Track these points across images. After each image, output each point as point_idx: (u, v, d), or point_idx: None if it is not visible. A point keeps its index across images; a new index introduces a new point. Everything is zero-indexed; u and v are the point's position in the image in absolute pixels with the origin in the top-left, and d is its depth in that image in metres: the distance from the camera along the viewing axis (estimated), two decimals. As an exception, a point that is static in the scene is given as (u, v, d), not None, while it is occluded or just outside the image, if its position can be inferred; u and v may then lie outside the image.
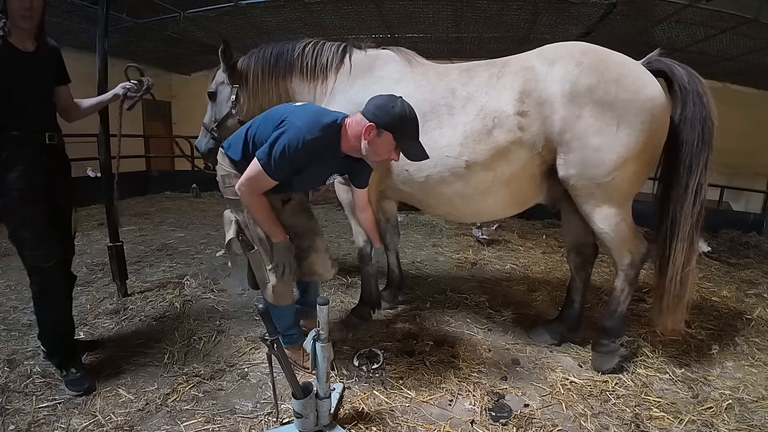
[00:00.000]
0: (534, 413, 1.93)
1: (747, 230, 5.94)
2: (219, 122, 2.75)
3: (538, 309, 3.09)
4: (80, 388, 1.96)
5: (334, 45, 2.56)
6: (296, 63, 2.55)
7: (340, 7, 5.58)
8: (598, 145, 1.98)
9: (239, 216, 1.98)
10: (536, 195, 2.32)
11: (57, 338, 2.05)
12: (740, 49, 5.77)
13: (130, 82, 2.44)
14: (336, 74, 2.48)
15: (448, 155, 2.20)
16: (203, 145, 2.87)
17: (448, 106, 2.22)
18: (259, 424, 1.81)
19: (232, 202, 1.99)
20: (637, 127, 1.95)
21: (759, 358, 2.51)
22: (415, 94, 2.23)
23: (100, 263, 3.67)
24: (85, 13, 5.46)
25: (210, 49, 7.73)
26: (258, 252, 1.99)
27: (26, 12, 1.79)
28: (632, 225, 2.17)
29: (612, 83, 1.96)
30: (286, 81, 2.60)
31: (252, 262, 2.05)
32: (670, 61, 2.11)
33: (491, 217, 2.58)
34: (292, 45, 2.58)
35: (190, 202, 7.21)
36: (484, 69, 2.26)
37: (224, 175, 1.99)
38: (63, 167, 2.10)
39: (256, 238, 1.96)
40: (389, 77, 2.36)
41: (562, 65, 2.04)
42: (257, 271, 2.05)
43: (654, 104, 1.97)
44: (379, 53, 2.51)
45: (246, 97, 2.66)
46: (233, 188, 1.88)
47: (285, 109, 1.85)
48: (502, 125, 2.10)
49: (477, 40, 6.80)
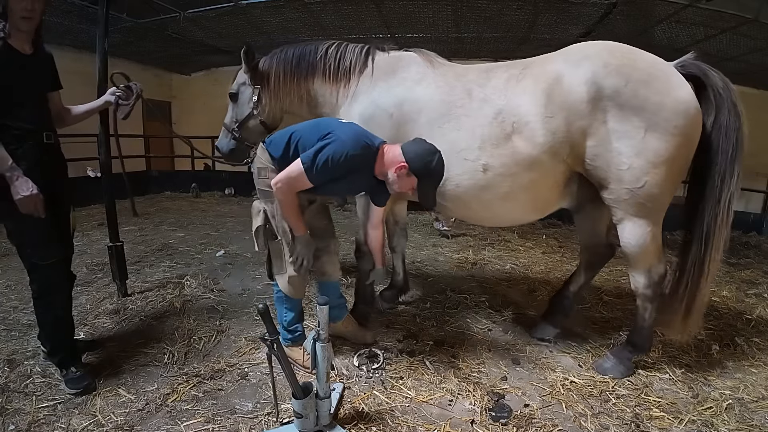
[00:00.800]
0: (534, 413, 1.93)
1: (747, 230, 5.95)
2: (240, 123, 2.75)
3: (538, 309, 3.09)
4: (80, 386, 1.96)
5: (357, 47, 2.53)
6: (319, 65, 2.53)
7: (340, 7, 5.58)
8: (627, 149, 1.90)
9: (268, 206, 2.10)
10: (560, 201, 2.26)
11: (58, 337, 2.05)
12: (740, 49, 5.77)
13: (119, 89, 2.38)
14: (359, 77, 2.45)
15: (466, 159, 2.14)
16: (225, 145, 2.85)
17: (464, 108, 2.16)
18: (259, 424, 1.81)
19: (263, 192, 2.12)
20: (669, 131, 1.86)
21: (759, 358, 2.51)
22: (434, 96, 2.22)
23: (100, 263, 3.67)
24: (85, 13, 5.46)
25: (210, 49, 7.76)
26: (280, 242, 2.10)
27: (27, 13, 1.80)
28: (659, 242, 2.08)
29: (641, 85, 1.87)
30: (308, 82, 2.58)
31: (273, 251, 2.15)
32: (705, 66, 2.01)
33: (511, 222, 2.55)
34: (315, 46, 2.57)
35: (190, 202, 7.21)
36: (504, 71, 2.19)
37: (261, 168, 2.11)
38: (60, 166, 2.11)
39: (280, 229, 2.08)
40: (411, 78, 2.34)
41: (588, 66, 1.94)
42: (276, 260, 2.15)
43: (687, 107, 1.88)
44: (401, 55, 2.48)
45: (268, 98, 2.66)
46: (267, 180, 2.04)
47: (331, 123, 2.01)
48: (521, 131, 2.03)
49: (477, 40, 6.81)
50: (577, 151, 2.01)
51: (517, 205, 2.23)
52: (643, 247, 2.05)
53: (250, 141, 2.81)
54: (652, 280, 2.12)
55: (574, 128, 1.97)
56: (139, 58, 8.64)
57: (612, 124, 1.92)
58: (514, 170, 2.09)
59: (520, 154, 2.05)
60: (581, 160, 2.03)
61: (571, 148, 2.01)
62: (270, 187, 1.99)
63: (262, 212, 2.11)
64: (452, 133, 2.18)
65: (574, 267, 4.15)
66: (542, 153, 2.03)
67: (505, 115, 2.07)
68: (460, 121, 2.17)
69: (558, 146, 2.01)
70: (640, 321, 2.25)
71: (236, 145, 2.82)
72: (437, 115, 2.21)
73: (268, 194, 2.07)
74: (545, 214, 2.37)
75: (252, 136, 2.80)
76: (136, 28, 6.37)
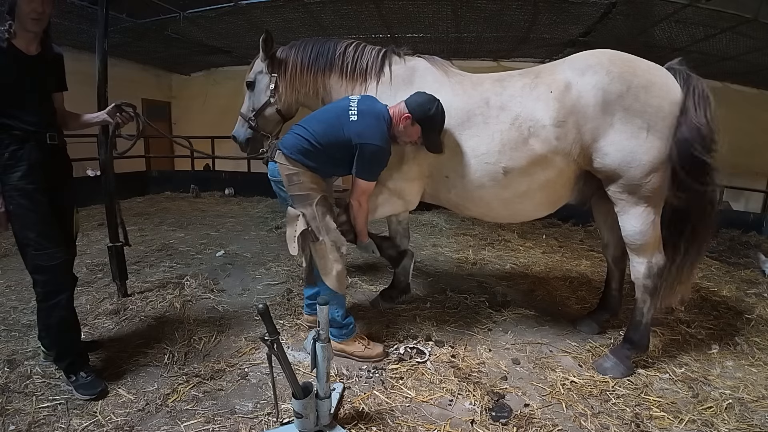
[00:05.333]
0: (534, 413, 1.93)
1: (747, 230, 5.94)
2: (257, 111, 2.76)
3: (538, 309, 3.09)
4: (93, 392, 1.93)
5: (375, 49, 2.60)
6: (337, 62, 2.59)
7: (340, 7, 5.58)
8: (633, 149, 2.05)
9: (307, 210, 2.16)
10: (569, 196, 2.42)
11: (65, 341, 2.00)
12: (740, 49, 5.76)
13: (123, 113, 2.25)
14: (377, 81, 2.53)
15: (487, 162, 2.27)
16: (242, 134, 2.85)
17: (483, 116, 2.28)
18: (259, 424, 1.81)
19: (298, 198, 2.18)
20: (668, 130, 2.03)
21: (759, 357, 2.51)
22: (453, 104, 2.29)
23: (100, 263, 3.67)
24: (84, 13, 5.46)
25: (210, 49, 7.77)
26: (323, 242, 2.16)
27: (37, 15, 1.80)
28: (659, 231, 2.22)
29: (642, 90, 2.03)
30: (324, 77, 2.63)
31: (316, 253, 2.20)
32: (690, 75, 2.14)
33: (525, 218, 2.67)
34: (334, 44, 2.63)
35: (190, 202, 7.21)
36: (517, 79, 2.31)
37: (290, 174, 2.17)
38: (65, 167, 2.10)
39: (323, 230, 2.17)
40: (428, 88, 2.40)
41: (592, 74, 2.10)
42: (320, 260, 2.20)
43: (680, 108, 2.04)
44: (416, 65, 2.54)
45: (284, 86, 2.69)
46: (300, 185, 2.15)
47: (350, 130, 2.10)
48: (537, 134, 2.17)
49: (477, 40, 6.81)
50: (587, 152, 2.16)
51: (533, 202, 2.38)
52: (645, 235, 2.18)
53: (266, 130, 2.83)
54: (652, 271, 2.23)
55: (584, 131, 2.12)
56: (139, 58, 8.65)
57: (618, 126, 2.07)
58: (530, 170, 2.24)
59: (537, 156, 2.20)
60: (590, 160, 2.18)
61: (582, 149, 2.16)
62: (304, 191, 2.14)
63: (301, 217, 2.15)
64: (473, 139, 2.29)
65: (574, 267, 4.22)
66: (556, 154, 2.18)
67: (522, 120, 2.20)
68: (480, 128, 2.28)
69: (570, 147, 2.16)
70: (638, 316, 2.29)
71: (253, 135, 2.83)
72: (456, 123, 2.30)
73: (303, 198, 2.16)
74: (556, 209, 2.52)
75: (269, 125, 2.82)
76: (136, 28, 6.37)
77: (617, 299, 2.79)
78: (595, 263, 4.33)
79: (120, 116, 2.24)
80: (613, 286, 2.77)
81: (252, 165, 8.13)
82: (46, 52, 1.96)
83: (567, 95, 2.13)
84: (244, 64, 3.06)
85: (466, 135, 2.29)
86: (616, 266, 2.72)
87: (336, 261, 2.19)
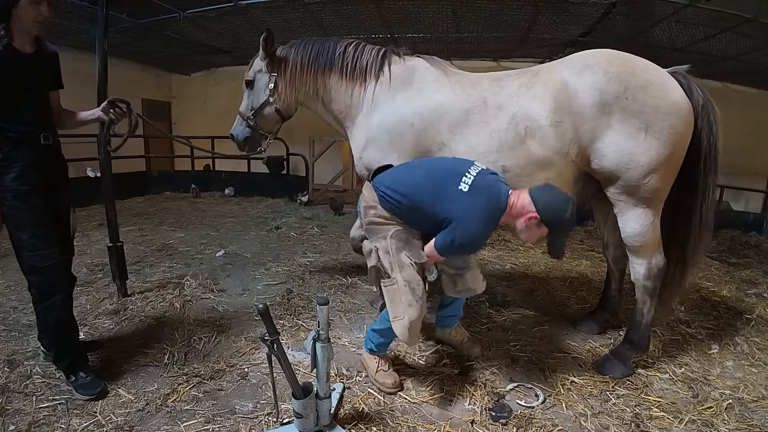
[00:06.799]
0: (534, 413, 1.93)
1: (747, 230, 5.95)
2: (256, 110, 2.76)
3: (538, 309, 3.09)
4: (93, 392, 1.92)
5: (374, 49, 2.61)
6: (336, 61, 2.59)
7: (340, 7, 5.58)
8: (630, 150, 2.04)
9: (380, 243, 1.95)
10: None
11: (63, 342, 2.00)
12: (740, 49, 5.76)
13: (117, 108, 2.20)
14: (375, 81, 2.52)
15: (487, 161, 2.25)
16: (240, 133, 2.85)
17: (482, 115, 2.27)
18: (259, 424, 1.81)
19: (371, 230, 2.01)
20: (666, 130, 2.01)
21: (759, 357, 2.51)
22: (452, 103, 2.29)
23: (100, 263, 3.67)
24: (84, 13, 5.46)
25: (210, 49, 7.77)
26: (395, 282, 1.87)
27: (42, 19, 1.81)
28: (659, 232, 2.21)
29: (639, 90, 2.01)
30: (324, 77, 2.64)
31: (387, 294, 1.91)
32: (692, 82, 2.13)
33: None
34: (334, 43, 2.64)
35: (190, 202, 7.20)
36: (514, 79, 2.30)
37: (367, 207, 2.00)
38: (60, 167, 2.09)
39: (396, 266, 1.88)
40: (428, 88, 2.41)
41: (589, 75, 2.08)
42: (390, 305, 1.89)
43: (679, 109, 2.03)
44: (415, 65, 2.54)
45: (284, 85, 2.69)
46: (372, 218, 1.96)
47: (456, 204, 1.80)
48: (534, 135, 2.16)
49: (477, 40, 6.81)
50: (585, 153, 2.15)
51: None
52: (645, 236, 2.17)
53: (265, 129, 2.83)
54: (652, 272, 2.22)
55: (581, 132, 2.10)
56: (139, 58, 8.65)
57: (615, 126, 2.05)
58: (529, 170, 2.22)
59: (534, 156, 2.19)
60: (588, 161, 2.17)
61: (579, 150, 2.14)
62: (379, 224, 1.94)
63: (374, 251, 1.97)
64: (471, 138, 2.28)
65: (574, 267, 4.21)
66: (554, 154, 2.17)
67: (518, 120, 2.19)
68: (478, 127, 2.28)
69: (567, 148, 2.14)
70: (638, 316, 2.29)
71: (251, 134, 2.83)
72: (455, 122, 2.31)
73: (376, 231, 1.97)
74: None
75: (267, 124, 2.82)
76: (136, 28, 6.37)
77: (617, 299, 2.80)
78: (595, 263, 4.33)
79: (113, 112, 2.18)
80: (613, 286, 2.77)
81: (252, 165, 8.13)
82: (42, 51, 1.95)
83: (564, 95, 2.11)
84: (244, 64, 3.06)
85: (465, 134, 2.29)
86: (616, 266, 2.72)
87: (409, 305, 1.84)
